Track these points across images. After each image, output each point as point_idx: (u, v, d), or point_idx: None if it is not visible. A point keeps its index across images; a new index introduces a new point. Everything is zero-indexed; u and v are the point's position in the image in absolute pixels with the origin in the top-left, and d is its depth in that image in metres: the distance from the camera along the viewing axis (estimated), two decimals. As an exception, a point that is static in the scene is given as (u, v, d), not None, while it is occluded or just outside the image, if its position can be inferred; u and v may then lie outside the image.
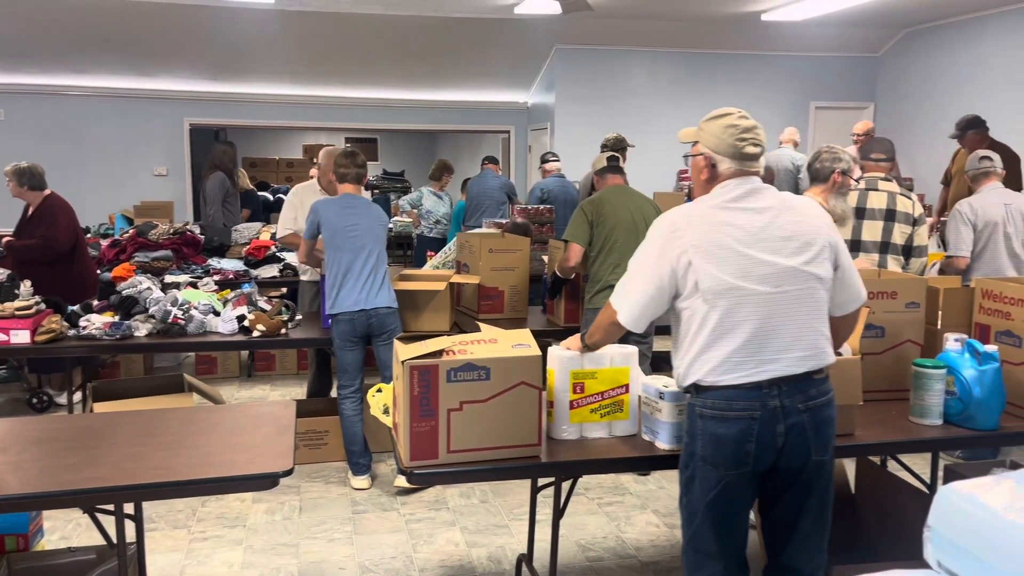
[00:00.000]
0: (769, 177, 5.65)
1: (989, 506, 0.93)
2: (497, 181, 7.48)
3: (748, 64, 9.56)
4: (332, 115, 10.55)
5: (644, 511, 3.77)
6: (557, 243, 4.27)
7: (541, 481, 2.86)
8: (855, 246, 3.87)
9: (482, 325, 2.65)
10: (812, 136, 9.74)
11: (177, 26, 8.17)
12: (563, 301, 4.20)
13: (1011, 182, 5.97)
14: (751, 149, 2.16)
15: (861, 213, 3.89)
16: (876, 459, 3.43)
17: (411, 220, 8.45)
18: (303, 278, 4.99)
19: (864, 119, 9.07)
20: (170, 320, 4.14)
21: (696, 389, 2.14)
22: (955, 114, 8.13)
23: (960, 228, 4.14)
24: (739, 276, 2.06)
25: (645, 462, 2.59)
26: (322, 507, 3.80)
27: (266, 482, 2.26)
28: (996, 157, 4.38)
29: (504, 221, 6.33)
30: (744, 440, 2.06)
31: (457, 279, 4.39)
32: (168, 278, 4.96)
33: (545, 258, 4.71)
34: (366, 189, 12.01)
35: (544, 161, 7.19)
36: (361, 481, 3.99)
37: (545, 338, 3.30)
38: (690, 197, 2.59)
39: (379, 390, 2.70)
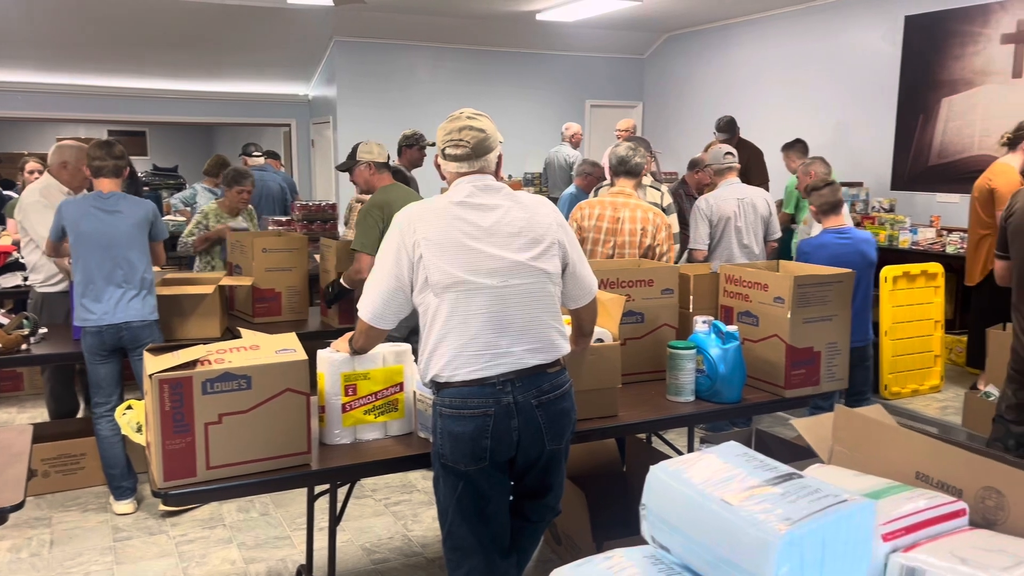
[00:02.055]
0: (598, 172, 5.79)
1: (691, 481, 1.00)
2: (275, 177, 7.18)
3: (527, 62, 9.87)
4: (92, 106, 9.63)
5: (431, 507, 3.78)
6: (328, 242, 4.15)
7: (318, 489, 2.77)
8: None
9: (244, 331, 2.51)
10: (588, 133, 10.25)
11: None
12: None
13: (758, 175, 6.64)
14: (451, 150, 2.21)
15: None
16: (643, 437, 3.66)
17: (184, 219, 7.90)
18: (47, 289, 4.39)
19: (632, 117, 9.69)
20: None
21: (436, 387, 2.17)
22: (712, 112, 8.90)
23: (698, 223, 4.50)
24: (467, 270, 2.10)
25: (420, 460, 2.58)
26: (78, 538, 3.45)
27: (-11, 521, 2.00)
28: (735, 152, 4.79)
29: (285, 219, 6.08)
30: (480, 437, 2.11)
31: (227, 281, 4.15)
32: None
33: (318, 257, 4.56)
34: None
35: (246, 153, 6.90)
36: (125, 505, 3.66)
37: (327, 339, 3.20)
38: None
39: (129, 407, 2.48)
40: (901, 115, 7.06)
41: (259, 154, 6.86)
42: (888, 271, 4.79)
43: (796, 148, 6.13)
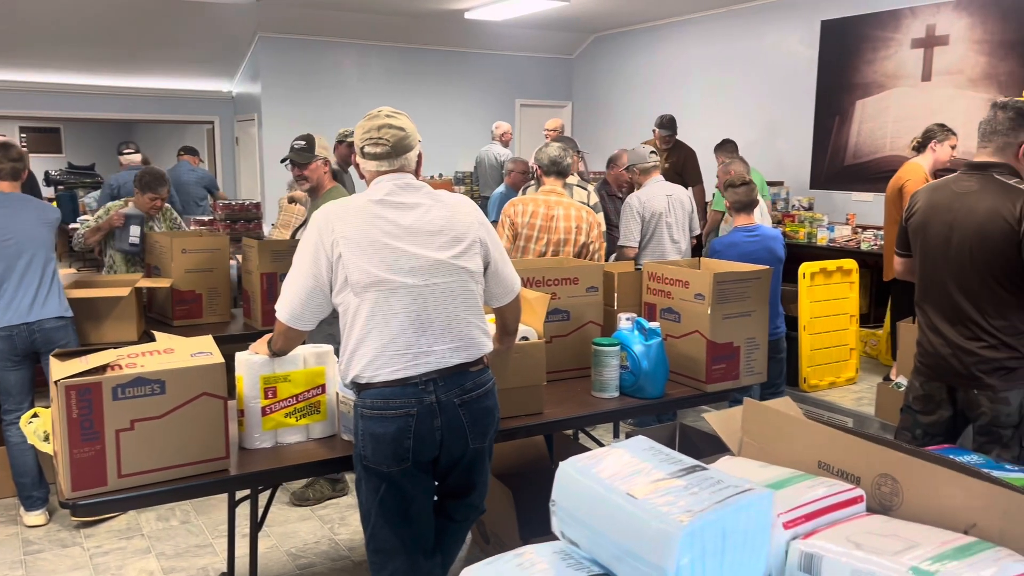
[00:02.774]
0: (527, 170, 5.76)
1: (598, 476, 1.01)
2: (193, 174, 6.95)
3: (457, 61, 9.84)
4: (1, 101, 9.20)
5: (358, 510, 3.73)
6: (251, 242, 4.06)
7: (239, 494, 2.71)
8: None
9: (158, 334, 2.44)
10: (518, 132, 10.29)
11: None
12: (260, 303, 4.01)
13: (693, 176, 6.77)
14: (370, 148, 2.19)
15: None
16: (570, 433, 3.70)
17: (101, 219, 7.61)
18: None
19: (561, 117, 9.77)
20: None
21: (357, 388, 2.15)
22: (639, 112, 9.05)
23: (630, 221, 4.57)
24: (387, 269, 2.09)
25: (344, 463, 2.54)
26: (-15, 553, 3.29)
27: None
28: (656, 151, 4.88)
29: (207, 218, 5.92)
30: (402, 437, 2.10)
31: (145, 283, 4.02)
32: None
33: (240, 257, 4.46)
34: (48, 185, 10.67)
35: (120, 153, 6.63)
36: (35, 517, 3.51)
37: (251, 342, 3.12)
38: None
39: (35, 415, 2.38)
40: (819, 117, 7.30)
41: (130, 151, 6.49)
42: (806, 267, 4.95)
43: (725, 148, 6.29)
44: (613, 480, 0.99)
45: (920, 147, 4.78)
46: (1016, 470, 1.39)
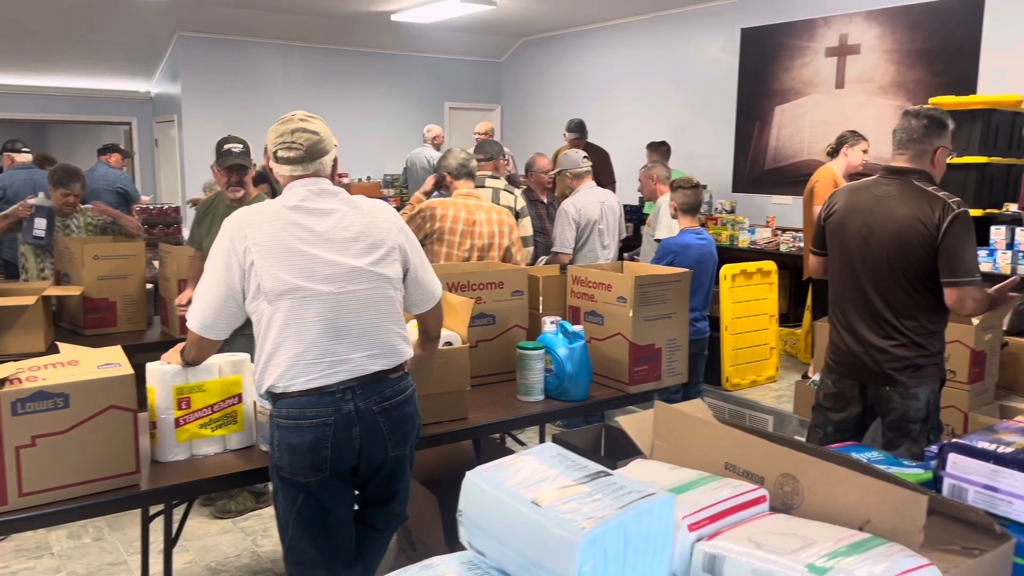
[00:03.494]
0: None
1: (504, 485, 1.00)
2: (103, 181, 6.62)
3: (385, 63, 9.76)
4: None
5: (283, 520, 3.66)
6: (168, 248, 3.94)
7: (153, 509, 2.62)
8: None
9: (63, 345, 2.34)
10: (448, 134, 10.26)
11: None
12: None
13: (606, 177, 6.86)
14: (283, 153, 2.15)
15: None
16: (497, 437, 3.70)
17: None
18: None
19: (490, 120, 9.79)
20: None
21: (272, 397, 2.11)
22: (568, 115, 9.09)
23: (565, 228, 4.61)
24: (302, 276, 2.05)
25: (262, 474, 2.48)
26: None
27: None
28: (587, 156, 4.94)
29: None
30: (319, 447, 2.07)
31: (53, 291, 3.85)
32: None
33: (157, 264, 4.32)
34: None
35: (11, 150, 6.32)
36: (-66, 540, 3.33)
37: (167, 350, 3.02)
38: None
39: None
40: (740, 122, 7.49)
41: (27, 150, 6.17)
42: (727, 269, 5.07)
43: (659, 149, 6.38)
44: (519, 488, 0.99)
45: (834, 152, 4.95)
46: (914, 466, 1.44)
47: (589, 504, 0.94)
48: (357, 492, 2.31)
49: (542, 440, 3.47)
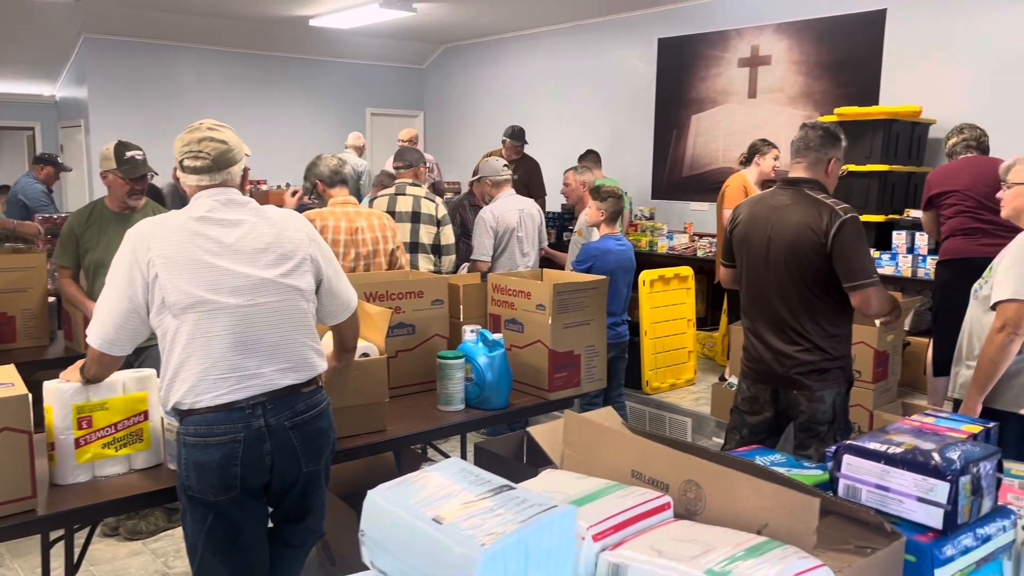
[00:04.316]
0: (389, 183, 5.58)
1: (406, 503, 0.99)
2: (28, 189, 6.31)
3: (305, 68, 9.60)
4: None
5: (197, 539, 3.54)
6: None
7: (54, 534, 2.50)
8: (413, 247, 4.15)
9: (-50, 365, 2.21)
10: (370, 141, 10.16)
11: None
12: (82, 325, 3.73)
13: (538, 188, 6.91)
14: (189, 162, 2.10)
15: (392, 217, 4.11)
16: (419, 448, 3.67)
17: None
18: None
19: (413, 126, 9.74)
20: None
21: (179, 415, 2.04)
22: (491, 123, 9.15)
23: (483, 235, 4.61)
24: (208, 289, 2.00)
25: (170, 494, 2.39)
26: None
27: None
28: (508, 165, 4.96)
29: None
30: (228, 464, 2.02)
31: (-55, 307, 3.64)
32: None
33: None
34: None
35: None
36: None
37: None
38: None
39: None
40: (658, 130, 7.65)
41: None
42: (646, 275, 5.16)
43: (588, 158, 6.46)
44: (421, 506, 0.98)
45: (747, 161, 5.11)
46: (813, 467, 1.49)
47: (491, 519, 0.93)
48: (271, 509, 2.25)
49: (464, 449, 3.46)
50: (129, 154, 3.34)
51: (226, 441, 2.00)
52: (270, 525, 2.28)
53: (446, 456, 3.38)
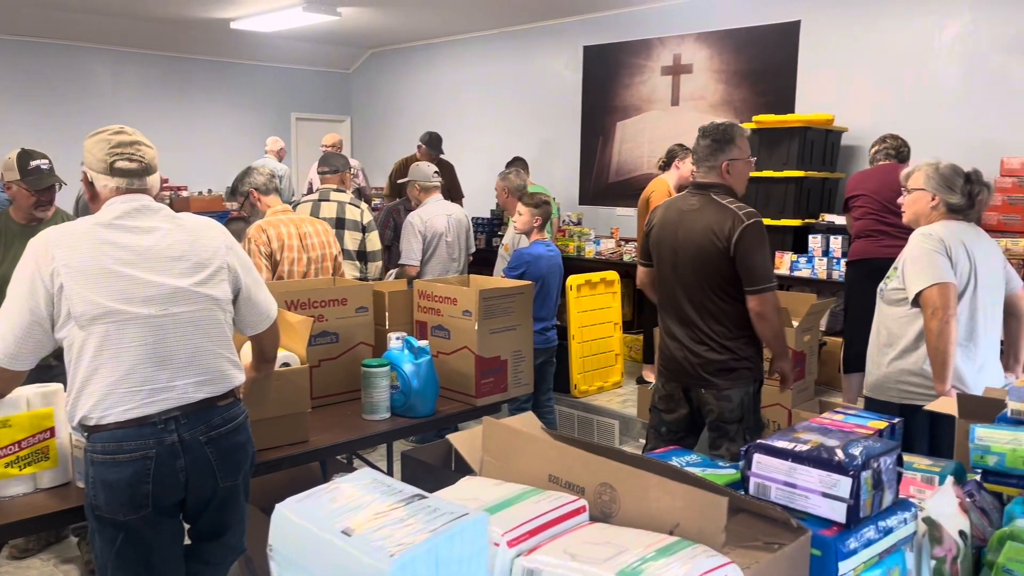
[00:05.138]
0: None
1: (315, 515, 0.97)
2: None
3: (227, 71, 9.39)
4: None
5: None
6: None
7: (-47, 559, 2.37)
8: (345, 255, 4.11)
9: None
10: (295, 146, 9.99)
11: None
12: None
13: (456, 192, 6.90)
14: (123, 164, 2.04)
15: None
16: (344, 458, 3.61)
17: None
18: None
19: (339, 131, 9.62)
20: None
21: (87, 430, 1.97)
22: (418, 128, 9.07)
23: (411, 239, 4.59)
24: (118, 299, 1.93)
25: (79, 513, 2.30)
26: None
27: None
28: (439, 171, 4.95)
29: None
30: (139, 482, 1.95)
31: None
32: None
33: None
34: None
35: None
36: None
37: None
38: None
39: None
40: (584, 137, 7.74)
41: None
42: (572, 280, 5.21)
43: (516, 165, 6.47)
44: (330, 518, 0.96)
45: (665, 165, 5.21)
46: (727, 466, 1.52)
47: (401, 530, 0.92)
48: (188, 526, 2.18)
49: (390, 458, 3.42)
50: (34, 163, 3.19)
51: (136, 458, 1.93)
52: (188, 542, 2.22)
53: (373, 466, 3.34)
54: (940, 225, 2.78)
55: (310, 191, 5.95)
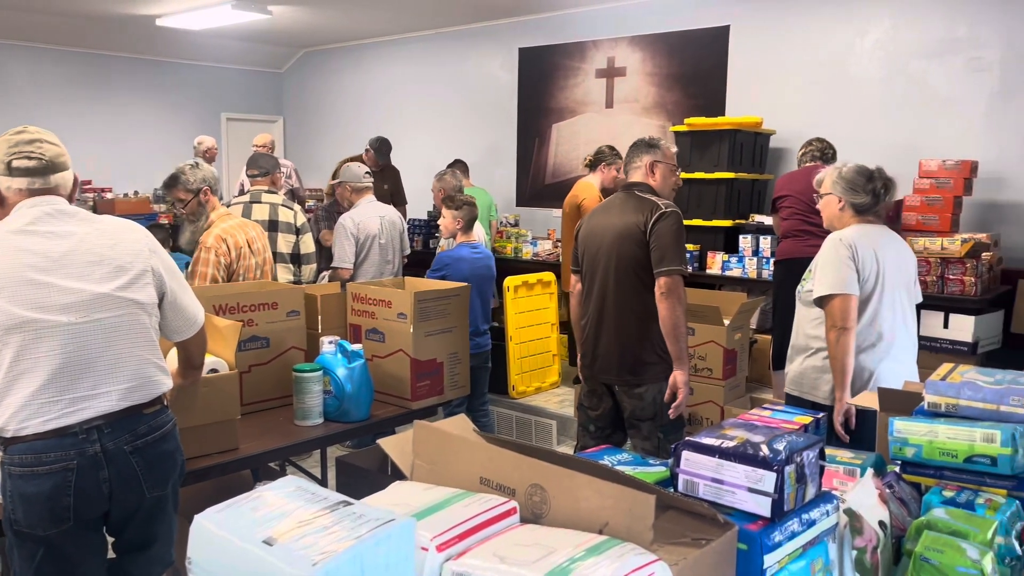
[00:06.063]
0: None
1: (235, 525, 0.95)
2: None
3: (152, 70, 9.12)
4: None
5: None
6: None
7: None
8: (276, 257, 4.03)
9: None
10: (226, 147, 9.76)
11: None
12: None
13: (399, 195, 6.86)
14: (20, 163, 1.95)
15: None
16: (277, 465, 3.54)
17: None
18: None
19: (271, 132, 9.44)
20: None
21: (3, 442, 1.89)
22: (351, 129, 9.00)
23: (343, 242, 4.52)
24: (34, 307, 1.86)
25: (-6, 529, 2.20)
26: None
27: None
28: (370, 172, 4.89)
29: None
30: (59, 495, 1.88)
31: None
32: None
33: None
34: None
35: None
36: None
37: None
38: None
39: None
40: (521, 138, 7.76)
41: None
42: (509, 281, 5.22)
43: (455, 166, 6.44)
44: (251, 528, 0.94)
45: (592, 166, 5.24)
46: (657, 464, 1.54)
47: (325, 537, 0.90)
48: (112, 539, 2.11)
49: (324, 464, 3.36)
50: None
51: (56, 470, 1.85)
52: (112, 556, 2.14)
53: (307, 472, 3.28)
54: (852, 230, 2.86)
55: (241, 193, 5.81)
